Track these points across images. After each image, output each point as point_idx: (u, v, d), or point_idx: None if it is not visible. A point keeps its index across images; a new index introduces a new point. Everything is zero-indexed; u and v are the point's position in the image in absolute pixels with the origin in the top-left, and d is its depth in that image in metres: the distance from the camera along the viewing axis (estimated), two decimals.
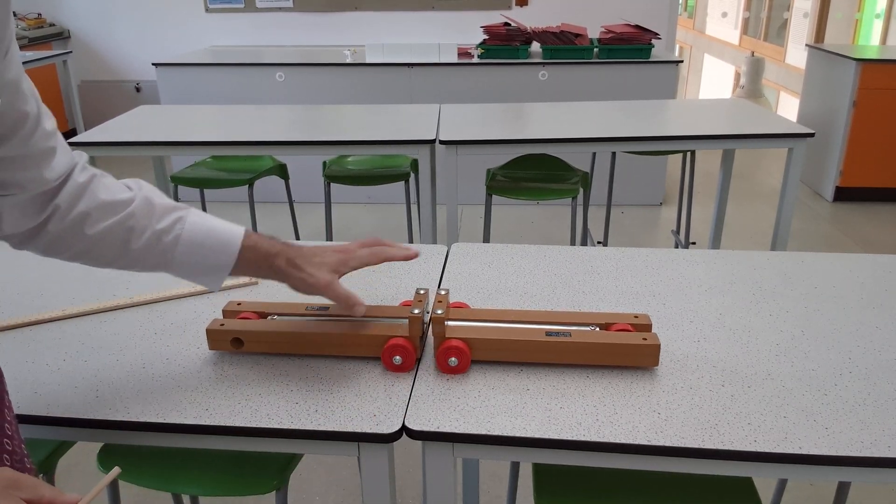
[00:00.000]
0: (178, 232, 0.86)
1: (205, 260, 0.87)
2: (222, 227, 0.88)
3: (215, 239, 0.87)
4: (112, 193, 0.85)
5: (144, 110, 2.85)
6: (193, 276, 0.89)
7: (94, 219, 0.83)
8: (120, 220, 0.84)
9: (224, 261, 0.87)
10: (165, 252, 0.86)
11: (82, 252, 0.85)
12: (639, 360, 0.92)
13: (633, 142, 2.38)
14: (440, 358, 0.91)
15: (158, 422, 0.83)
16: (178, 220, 0.86)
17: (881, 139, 4.10)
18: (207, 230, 0.87)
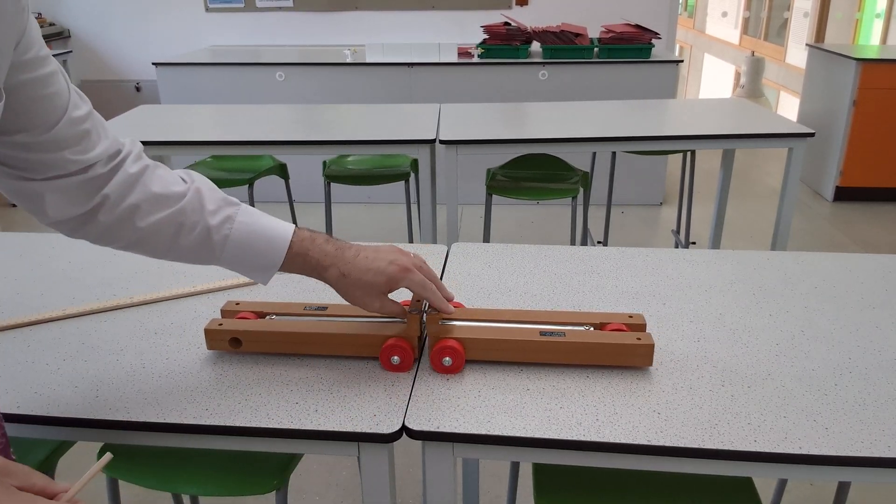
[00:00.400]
0: (227, 232, 0.86)
1: (251, 260, 0.88)
2: (272, 230, 0.88)
3: (264, 242, 0.87)
4: (165, 186, 0.85)
5: (144, 110, 2.85)
6: (242, 272, 0.90)
7: (144, 211, 0.83)
8: (171, 214, 0.84)
9: (271, 263, 0.88)
10: (214, 249, 0.86)
11: (133, 243, 0.85)
12: (632, 359, 0.92)
13: (633, 141, 2.38)
14: (434, 358, 0.92)
15: (158, 422, 0.83)
16: (227, 218, 0.86)
17: (881, 139, 4.10)
18: (257, 231, 0.87)
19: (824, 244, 3.70)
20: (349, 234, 3.81)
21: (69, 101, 0.78)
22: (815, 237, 3.79)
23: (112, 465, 1.09)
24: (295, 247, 0.88)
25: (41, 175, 0.78)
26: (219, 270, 1.21)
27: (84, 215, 0.82)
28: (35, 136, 0.75)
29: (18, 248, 1.33)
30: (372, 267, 0.89)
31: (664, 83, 3.94)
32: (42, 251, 1.31)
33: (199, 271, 1.22)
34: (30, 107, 0.74)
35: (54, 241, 1.35)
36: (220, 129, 2.52)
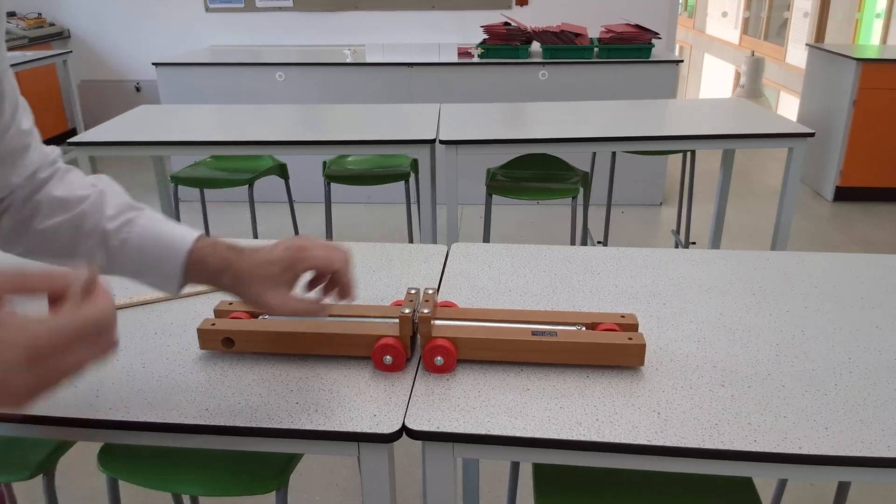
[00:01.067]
0: (125, 236, 0.81)
1: (151, 268, 0.82)
2: (172, 235, 0.81)
3: (163, 247, 0.80)
4: (69, 190, 0.82)
5: (144, 110, 2.85)
6: (147, 282, 0.84)
7: (43, 214, 0.81)
8: (70, 218, 0.81)
9: (172, 271, 0.81)
10: (113, 255, 0.81)
11: (34, 248, 0.83)
12: (624, 359, 0.92)
13: (633, 141, 2.38)
14: (426, 357, 0.92)
15: (158, 422, 0.83)
16: (126, 222, 0.81)
17: (881, 139, 4.10)
18: (156, 236, 0.81)
19: (824, 244, 3.70)
20: (349, 234, 3.81)
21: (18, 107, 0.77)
22: (815, 237, 3.79)
23: (112, 465, 1.09)
24: (196, 252, 0.80)
25: None
26: None
27: None
28: None
29: None
30: (266, 259, 0.81)
31: (664, 83, 3.94)
32: None
33: None
34: None
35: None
36: (220, 129, 2.52)
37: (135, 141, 2.36)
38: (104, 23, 5.03)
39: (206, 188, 2.86)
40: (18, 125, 0.78)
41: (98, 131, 2.47)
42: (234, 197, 3.20)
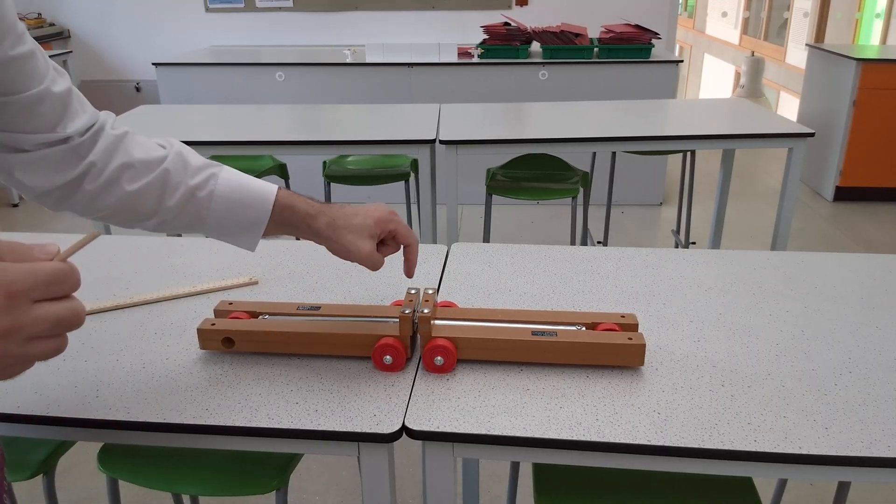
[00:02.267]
0: (212, 188, 0.86)
1: (238, 216, 0.87)
2: (256, 184, 0.88)
3: (249, 195, 0.87)
4: (146, 151, 0.86)
5: (144, 110, 2.85)
6: (228, 234, 0.89)
7: (129, 175, 0.84)
8: (156, 176, 0.85)
9: (258, 217, 0.87)
10: (199, 208, 0.86)
11: (119, 209, 0.86)
12: (624, 359, 0.92)
13: (633, 141, 2.38)
14: (426, 357, 0.92)
15: (158, 422, 0.83)
16: (211, 175, 0.86)
17: (881, 139, 4.10)
18: (241, 186, 0.87)
19: (824, 244, 3.70)
20: None
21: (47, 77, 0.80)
22: (815, 237, 3.80)
23: (112, 465, 1.09)
24: (282, 199, 0.88)
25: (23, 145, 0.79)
26: (218, 271, 1.22)
27: (70, 184, 0.83)
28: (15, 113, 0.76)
29: None
30: (360, 212, 0.91)
31: (664, 83, 3.94)
32: None
33: (199, 270, 1.22)
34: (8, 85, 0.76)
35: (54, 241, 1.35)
36: (220, 129, 2.52)
37: None
38: (104, 23, 5.03)
39: None
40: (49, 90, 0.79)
41: None
42: None
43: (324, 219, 0.89)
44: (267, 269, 1.23)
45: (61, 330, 0.57)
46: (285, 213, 0.88)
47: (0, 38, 0.73)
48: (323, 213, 0.89)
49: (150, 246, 1.32)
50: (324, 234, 0.90)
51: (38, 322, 0.55)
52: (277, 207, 0.88)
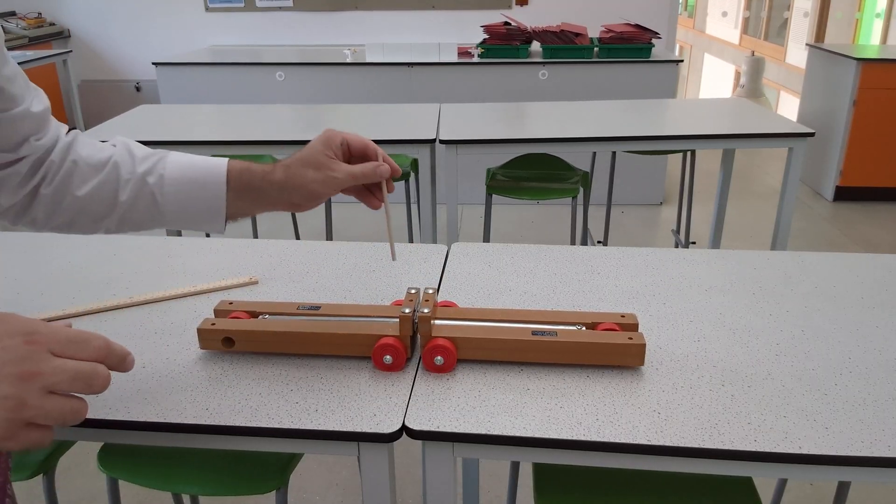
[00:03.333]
0: (161, 171, 0.84)
1: (195, 196, 0.84)
2: (205, 160, 0.85)
3: (200, 171, 0.84)
4: (95, 149, 0.87)
5: (144, 110, 2.85)
6: (190, 219, 0.87)
7: (80, 174, 0.84)
8: (107, 172, 0.84)
9: (215, 192, 0.84)
10: (154, 195, 0.84)
11: (76, 212, 0.86)
12: (624, 359, 0.92)
13: (633, 141, 2.38)
14: (426, 357, 0.92)
15: (158, 422, 0.83)
16: (158, 160, 0.85)
17: (881, 139, 4.10)
18: (190, 164, 0.85)
19: (824, 244, 3.70)
20: (349, 234, 3.81)
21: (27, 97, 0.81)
22: (815, 237, 3.80)
23: (112, 465, 1.09)
24: (235, 166, 0.84)
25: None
26: (218, 270, 1.22)
27: (30, 193, 0.84)
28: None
29: (18, 248, 1.33)
30: (305, 149, 0.86)
31: (664, 83, 3.94)
32: (42, 251, 1.31)
33: (199, 270, 1.22)
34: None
35: (54, 241, 1.35)
36: (220, 129, 2.52)
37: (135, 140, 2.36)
38: (104, 22, 5.03)
39: None
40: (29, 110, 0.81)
41: (98, 131, 2.47)
42: None
43: (280, 170, 0.85)
44: (267, 269, 1.23)
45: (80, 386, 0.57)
46: (244, 177, 0.84)
47: None
48: (277, 166, 0.85)
49: (150, 246, 1.32)
50: (284, 182, 0.84)
51: (56, 372, 0.55)
52: (233, 174, 0.84)
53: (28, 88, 0.82)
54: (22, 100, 0.80)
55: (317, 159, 0.85)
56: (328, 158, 0.85)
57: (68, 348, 0.57)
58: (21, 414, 0.54)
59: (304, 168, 0.84)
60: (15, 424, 0.54)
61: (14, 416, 0.54)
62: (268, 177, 0.85)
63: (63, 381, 0.56)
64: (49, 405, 0.55)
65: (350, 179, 0.86)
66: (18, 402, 0.53)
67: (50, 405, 0.55)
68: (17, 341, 0.55)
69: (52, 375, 0.55)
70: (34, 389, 0.54)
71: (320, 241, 1.35)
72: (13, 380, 0.53)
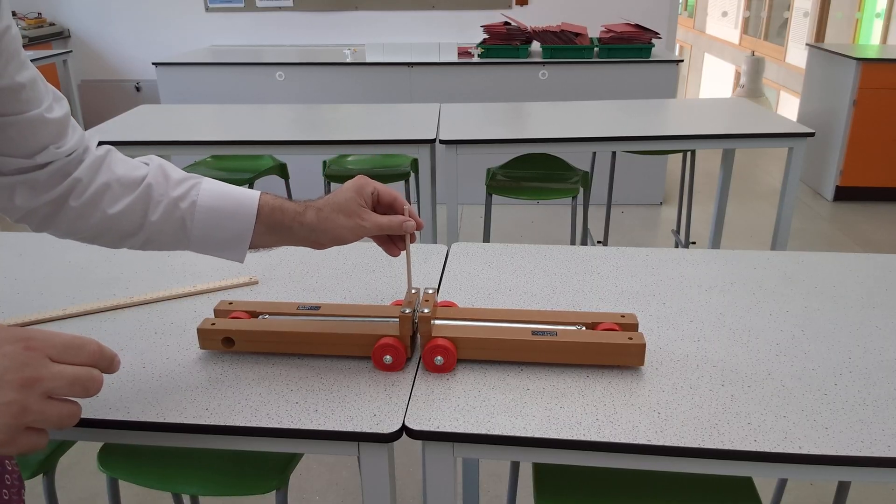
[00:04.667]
0: (194, 198, 0.84)
1: (223, 226, 0.85)
2: (239, 191, 0.86)
3: (233, 202, 0.85)
4: (129, 167, 0.86)
5: (144, 110, 2.85)
6: (214, 247, 0.87)
7: (112, 193, 0.84)
8: (140, 191, 0.84)
9: (243, 225, 0.85)
10: (184, 220, 0.84)
11: (104, 227, 0.85)
12: (624, 359, 0.92)
13: (633, 141, 2.38)
14: (426, 357, 0.92)
15: (158, 421, 0.83)
16: (193, 186, 0.85)
17: (881, 139, 4.10)
18: (223, 194, 0.85)
19: (824, 244, 3.70)
20: None
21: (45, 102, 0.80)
22: (815, 237, 3.80)
23: (112, 465, 1.09)
24: (268, 201, 0.86)
25: (12, 168, 0.79)
26: (218, 270, 1.22)
27: (55, 201, 0.83)
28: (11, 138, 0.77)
29: (18, 247, 1.33)
30: (337, 193, 0.89)
31: (664, 83, 3.94)
32: (42, 251, 1.31)
33: (199, 270, 1.22)
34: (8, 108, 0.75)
35: (54, 241, 1.35)
36: (220, 129, 2.52)
37: (135, 141, 2.36)
38: (104, 22, 5.03)
39: None
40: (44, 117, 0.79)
41: (98, 131, 2.47)
42: None
43: (311, 212, 0.87)
44: (267, 269, 1.23)
45: (77, 390, 0.59)
46: (275, 216, 0.86)
47: (5, 64, 0.73)
48: (308, 207, 0.87)
49: None
50: (314, 224, 0.86)
51: (55, 377, 0.57)
52: (266, 210, 0.85)
53: (47, 93, 0.81)
54: (38, 104, 0.79)
55: (349, 207, 0.88)
56: (359, 207, 0.89)
57: (65, 353, 0.58)
58: (22, 419, 0.56)
59: (336, 213, 0.87)
60: (15, 429, 0.56)
61: (16, 421, 0.55)
62: (299, 217, 0.87)
63: (62, 386, 0.58)
64: (49, 409, 0.57)
65: (376, 230, 0.90)
66: (21, 407, 0.55)
67: (49, 409, 0.57)
68: (16, 348, 0.56)
69: (52, 381, 0.57)
70: (35, 395, 0.56)
71: None
72: (15, 386, 0.55)
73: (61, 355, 0.58)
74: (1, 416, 0.54)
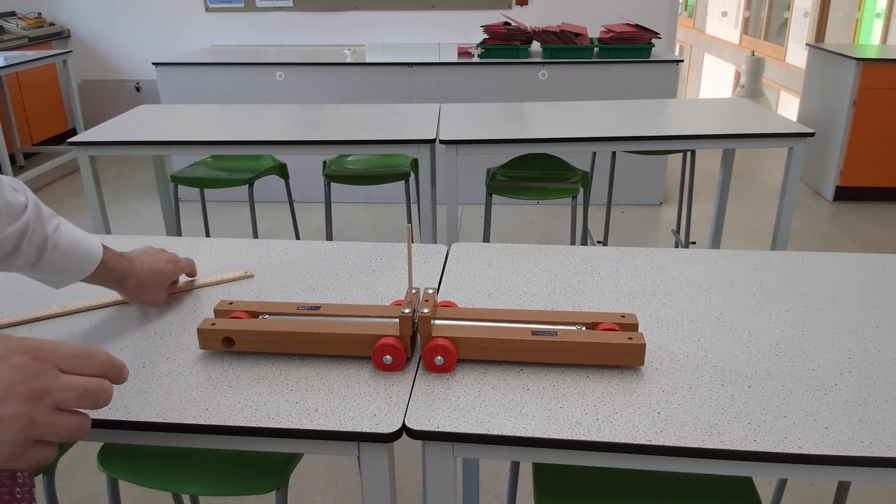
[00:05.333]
0: (57, 240, 0.91)
1: (67, 267, 0.94)
2: (88, 243, 0.95)
3: (82, 252, 0.94)
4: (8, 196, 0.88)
5: (144, 110, 2.85)
6: (44, 276, 0.95)
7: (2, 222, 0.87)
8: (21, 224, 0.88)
9: (82, 270, 0.95)
10: (41, 255, 0.91)
11: None
12: (624, 359, 0.92)
13: (633, 141, 2.38)
14: (426, 357, 0.92)
15: (158, 421, 0.83)
16: (56, 227, 0.92)
17: (881, 139, 4.10)
18: (75, 241, 0.94)
19: (824, 244, 3.70)
20: (349, 234, 3.81)
21: None
22: (815, 237, 3.80)
23: (112, 465, 1.09)
24: (107, 261, 0.97)
25: None
26: (218, 270, 1.22)
27: None
28: None
29: None
30: (155, 269, 1.06)
31: (664, 83, 3.94)
32: None
33: (200, 270, 1.22)
34: None
35: None
36: (220, 129, 2.52)
37: (135, 141, 2.36)
38: (104, 23, 5.03)
39: (206, 188, 2.86)
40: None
41: (98, 131, 2.47)
42: (234, 197, 3.20)
43: (133, 281, 1.02)
44: (267, 268, 1.23)
45: (87, 402, 0.57)
46: (106, 274, 0.98)
47: None
48: (133, 276, 1.02)
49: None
50: (130, 293, 1.04)
51: (65, 389, 0.55)
52: (101, 267, 0.97)
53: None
54: None
55: (159, 284, 1.07)
56: (163, 287, 1.08)
57: (74, 364, 0.57)
58: (31, 432, 0.54)
59: (149, 290, 1.06)
60: (24, 443, 0.54)
61: (24, 435, 0.53)
62: (123, 282, 1.02)
63: (71, 398, 0.56)
64: (58, 422, 0.55)
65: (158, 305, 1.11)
66: (29, 420, 0.53)
67: (59, 422, 0.55)
68: (25, 358, 0.54)
69: (62, 392, 0.55)
70: (44, 407, 0.54)
71: (320, 241, 1.35)
72: (23, 398, 0.53)
73: (70, 366, 0.57)
74: (9, 429, 0.53)
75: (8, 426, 0.53)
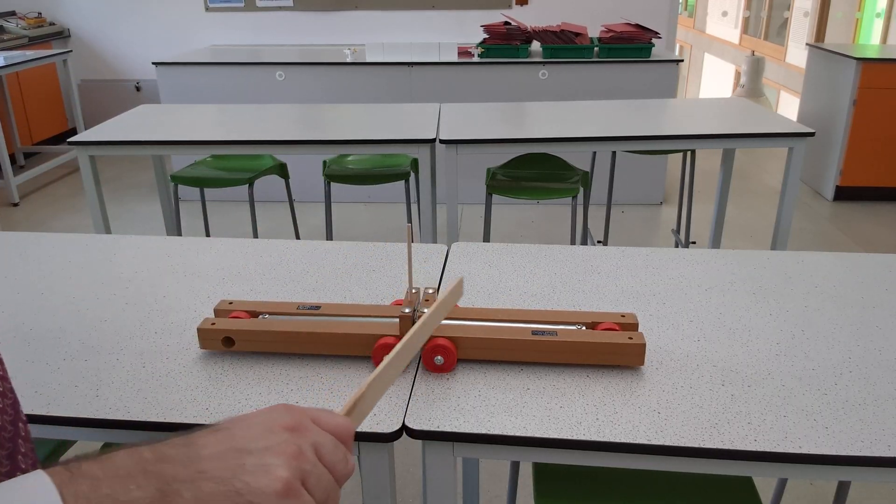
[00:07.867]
0: None
1: None
2: None
3: None
4: None
5: (144, 109, 2.85)
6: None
7: None
8: None
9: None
10: None
11: None
12: (624, 359, 0.92)
13: (633, 141, 2.38)
14: (426, 356, 0.92)
15: (158, 421, 0.83)
16: None
17: (881, 138, 4.10)
18: None
19: (824, 244, 3.70)
20: (349, 233, 3.81)
21: None
22: (815, 237, 3.79)
23: None
24: None
25: None
26: (218, 270, 1.22)
27: None
28: None
29: (19, 247, 1.33)
30: None
31: (664, 83, 3.94)
32: (42, 250, 1.31)
33: (199, 271, 1.22)
34: None
35: (55, 241, 1.35)
36: (220, 129, 2.52)
37: (135, 140, 2.36)
38: (104, 22, 5.03)
39: (206, 188, 2.86)
40: None
41: (98, 130, 2.47)
42: (234, 196, 3.20)
43: None
44: (267, 268, 1.23)
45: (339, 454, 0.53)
46: None
47: None
48: None
49: (150, 246, 1.32)
50: None
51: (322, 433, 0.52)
52: None
53: None
54: None
55: None
56: None
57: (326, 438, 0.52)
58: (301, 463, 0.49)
59: None
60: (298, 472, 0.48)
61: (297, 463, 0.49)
62: None
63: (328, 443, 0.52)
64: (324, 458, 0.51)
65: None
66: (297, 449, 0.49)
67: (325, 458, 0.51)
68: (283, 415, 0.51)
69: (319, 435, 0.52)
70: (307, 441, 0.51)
71: (320, 241, 1.35)
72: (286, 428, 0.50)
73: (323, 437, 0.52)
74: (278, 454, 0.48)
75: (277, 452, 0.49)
